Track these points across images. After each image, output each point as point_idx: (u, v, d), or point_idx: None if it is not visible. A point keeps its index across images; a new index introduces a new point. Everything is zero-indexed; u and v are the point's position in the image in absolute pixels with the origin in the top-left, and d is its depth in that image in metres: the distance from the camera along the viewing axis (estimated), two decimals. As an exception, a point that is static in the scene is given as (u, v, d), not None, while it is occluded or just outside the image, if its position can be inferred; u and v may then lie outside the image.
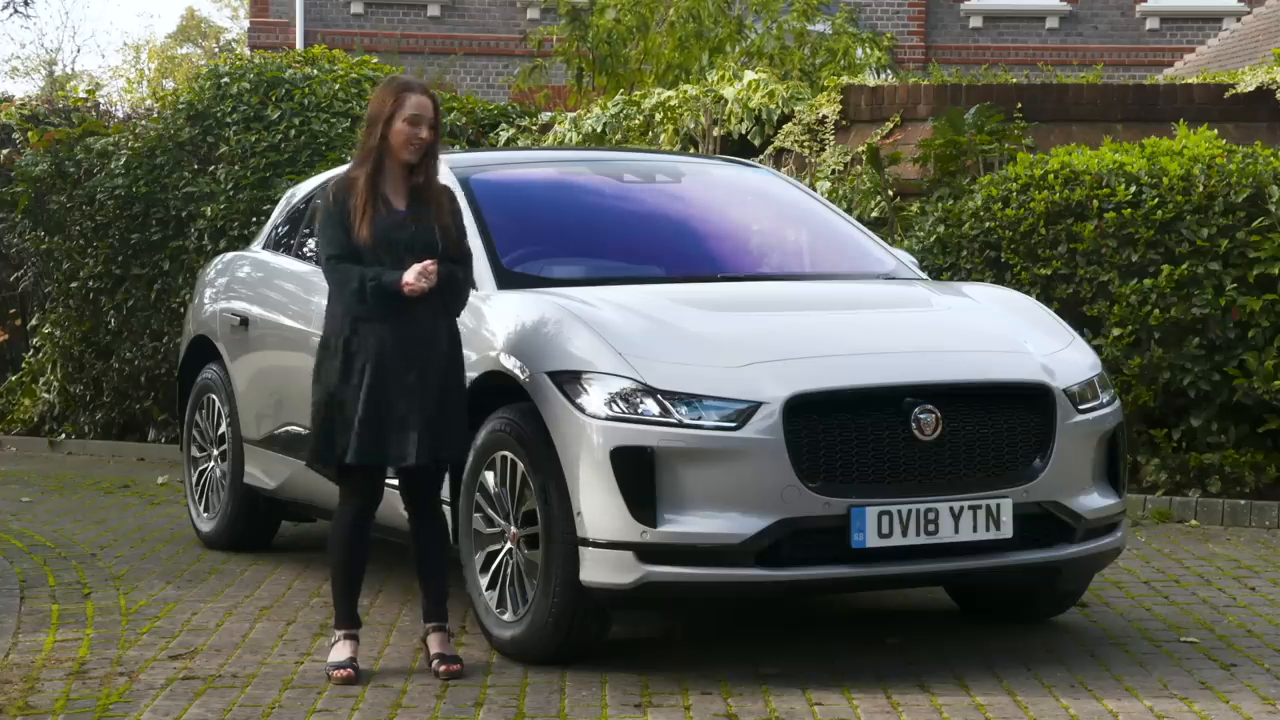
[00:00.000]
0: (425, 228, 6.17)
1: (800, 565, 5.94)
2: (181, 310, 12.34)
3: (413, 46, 25.65)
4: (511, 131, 13.24)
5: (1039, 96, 11.50)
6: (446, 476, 6.46)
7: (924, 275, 7.77)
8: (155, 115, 14.42)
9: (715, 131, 12.17)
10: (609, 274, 7.04)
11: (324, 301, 7.00)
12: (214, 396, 8.77)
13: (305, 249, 8.34)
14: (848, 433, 5.97)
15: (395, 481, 6.41)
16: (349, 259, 6.13)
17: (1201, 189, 9.51)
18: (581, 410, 6.02)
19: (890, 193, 11.10)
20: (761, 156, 11.80)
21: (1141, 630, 6.76)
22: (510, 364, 6.33)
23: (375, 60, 14.28)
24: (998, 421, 6.17)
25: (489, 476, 6.41)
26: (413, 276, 6.02)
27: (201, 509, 8.92)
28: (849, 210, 10.90)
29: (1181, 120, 10.53)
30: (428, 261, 6.05)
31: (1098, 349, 8.97)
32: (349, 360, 6.12)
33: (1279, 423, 9.36)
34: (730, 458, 5.88)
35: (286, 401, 7.95)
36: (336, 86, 13.11)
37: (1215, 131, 10.15)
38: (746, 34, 15.79)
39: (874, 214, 11.03)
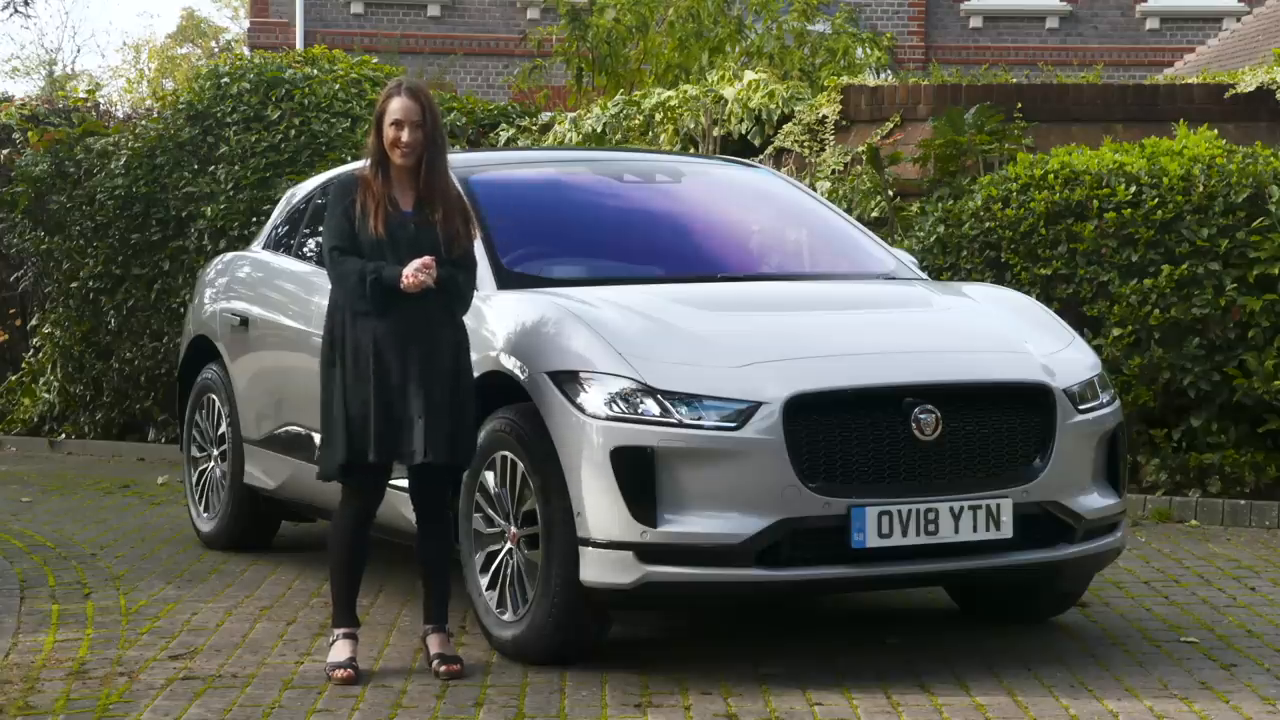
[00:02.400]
0: (428, 229, 6.18)
1: (800, 565, 5.94)
2: (181, 310, 12.34)
3: (413, 46, 25.65)
4: (511, 131, 13.24)
5: (1039, 96, 11.50)
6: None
7: (924, 275, 7.77)
8: (155, 115, 14.42)
9: (715, 131, 12.17)
10: (609, 274, 7.04)
11: (324, 301, 7.01)
12: (214, 396, 8.77)
13: (305, 249, 8.34)
14: (848, 433, 5.97)
15: (399, 481, 6.43)
16: (351, 253, 6.16)
17: (1201, 189, 9.51)
18: (581, 410, 6.02)
19: (890, 193, 11.10)
20: (761, 156, 11.80)
21: (1141, 630, 6.76)
22: (510, 364, 6.33)
23: (375, 60, 14.26)
24: (998, 421, 6.17)
25: (489, 476, 6.41)
26: (411, 271, 6.03)
27: (201, 509, 8.92)
28: (849, 210, 10.89)
29: (1181, 120, 10.52)
30: (428, 257, 6.07)
31: (1098, 349, 8.97)
32: (350, 358, 6.14)
33: (1279, 423, 9.36)
34: (730, 458, 5.88)
35: (286, 401, 7.95)
36: (336, 87, 13.10)
37: (1215, 131, 10.15)
38: (746, 34, 15.78)
39: (874, 214, 11.03)
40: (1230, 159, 9.68)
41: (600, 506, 5.95)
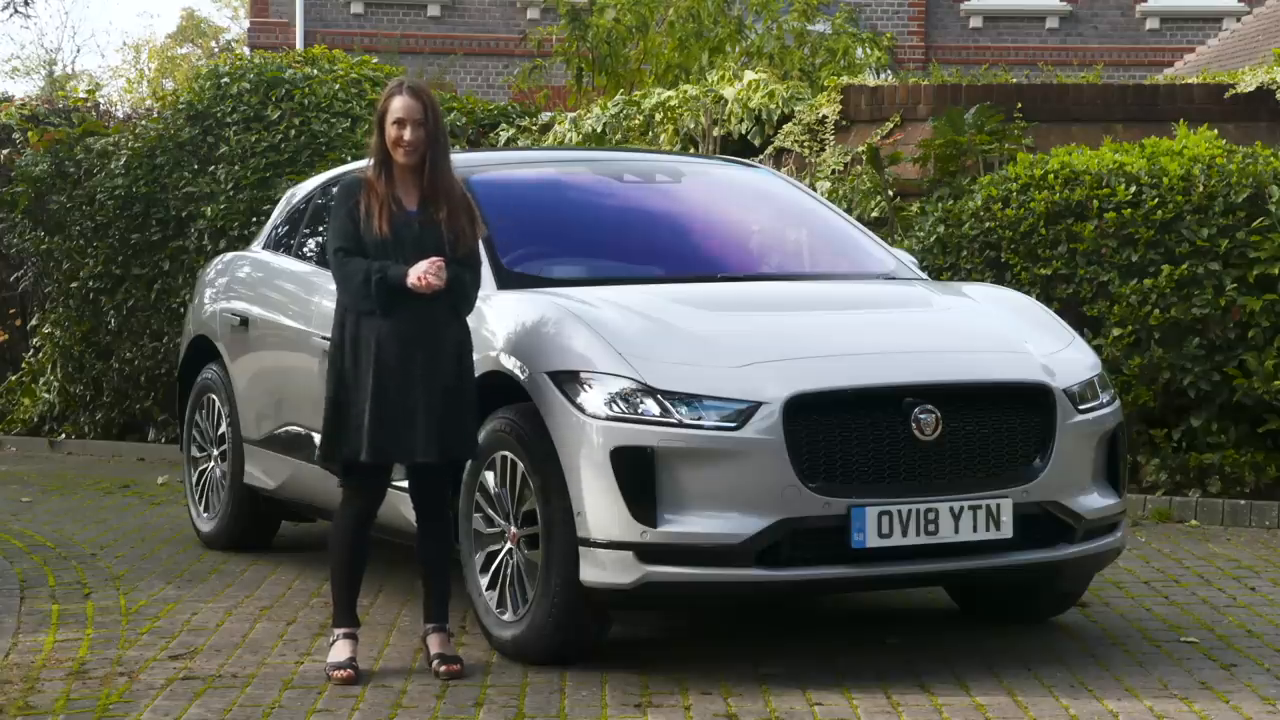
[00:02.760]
0: (432, 228, 6.18)
1: (800, 565, 5.94)
2: (181, 310, 12.34)
3: (413, 46, 25.65)
4: (511, 131, 13.24)
5: (1039, 96, 11.50)
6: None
7: (924, 275, 7.77)
8: (155, 115, 14.42)
9: (715, 131, 12.17)
10: (609, 274, 7.04)
11: (324, 301, 7.02)
12: (214, 396, 8.77)
13: (305, 249, 8.35)
14: (848, 433, 5.97)
15: (399, 481, 6.43)
16: (355, 254, 6.16)
17: (1201, 189, 9.51)
18: (581, 410, 6.02)
19: (890, 193, 11.10)
20: (761, 156, 11.80)
21: (1141, 630, 6.76)
22: (510, 364, 6.33)
23: (375, 60, 14.26)
24: (998, 421, 6.16)
25: (489, 476, 6.41)
26: (422, 274, 6.03)
27: (201, 509, 8.92)
28: (849, 210, 10.89)
29: (1181, 120, 10.53)
30: (438, 258, 6.07)
31: (1098, 349, 8.97)
32: (352, 357, 6.14)
33: (1279, 423, 9.36)
34: (730, 458, 5.88)
35: (286, 401, 7.95)
36: (336, 86, 13.10)
37: (1215, 131, 10.15)
38: (746, 34, 15.78)
39: (874, 214, 11.03)
40: (1230, 159, 9.68)
41: (600, 506, 5.95)
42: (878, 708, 5.69)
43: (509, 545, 6.35)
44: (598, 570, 5.97)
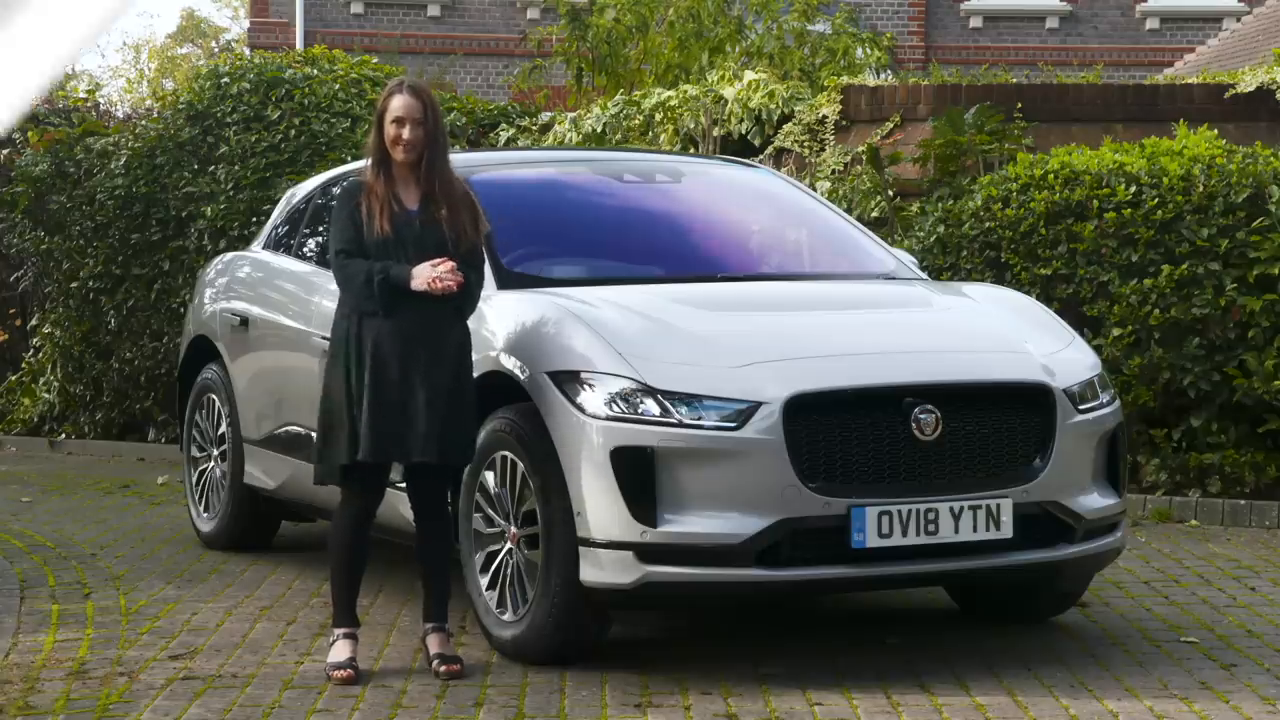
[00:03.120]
0: (433, 227, 6.18)
1: (800, 565, 5.94)
2: (181, 310, 12.34)
3: (413, 46, 25.65)
4: (511, 131, 13.24)
5: (1039, 96, 11.50)
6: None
7: (924, 275, 7.77)
8: (155, 115, 14.42)
9: (715, 131, 12.17)
10: (609, 274, 7.04)
11: (324, 301, 7.01)
12: (214, 396, 8.77)
13: (305, 249, 8.35)
14: (848, 433, 5.97)
15: (401, 481, 6.42)
16: (357, 255, 6.16)
17: (1201, 189, 9.51)
18: (581, 410, 6.02)
19: (890, 193, 11.10)
20: (761, 156, 11.80)
21: (1141, 630, 6.76)
22: (510, 364, 6.33)
23: (375, 60, 14.26)
24: (998, 421, 6.17)
25: (489, 476, 6.41)
26: (435, 276, 6.02)
27: (201, 509, 8.92)
28: (849, 210, 10.89)
29: (1181, 120, 10.52)
30: (449, 260, 6.07)
31: (1098, 349, 8.97)
32: (353, 358, 6.13)
33: (1279, 423, 9.36)
34: (730, 458, 5.88)
35: (286, 401, 7.95)
36: (336, 87, 13.10)
37: (1215, 131, 10.15)
38: (746, 34, 15.78)
39: (874, 214, 11.03)
40: (1230, 159, 9.68)
41: (600, 506, 5.95)
42: (878, 708, 5.69)
43: (509, 545, 6.35)
44: (598, 570, 5.97)
